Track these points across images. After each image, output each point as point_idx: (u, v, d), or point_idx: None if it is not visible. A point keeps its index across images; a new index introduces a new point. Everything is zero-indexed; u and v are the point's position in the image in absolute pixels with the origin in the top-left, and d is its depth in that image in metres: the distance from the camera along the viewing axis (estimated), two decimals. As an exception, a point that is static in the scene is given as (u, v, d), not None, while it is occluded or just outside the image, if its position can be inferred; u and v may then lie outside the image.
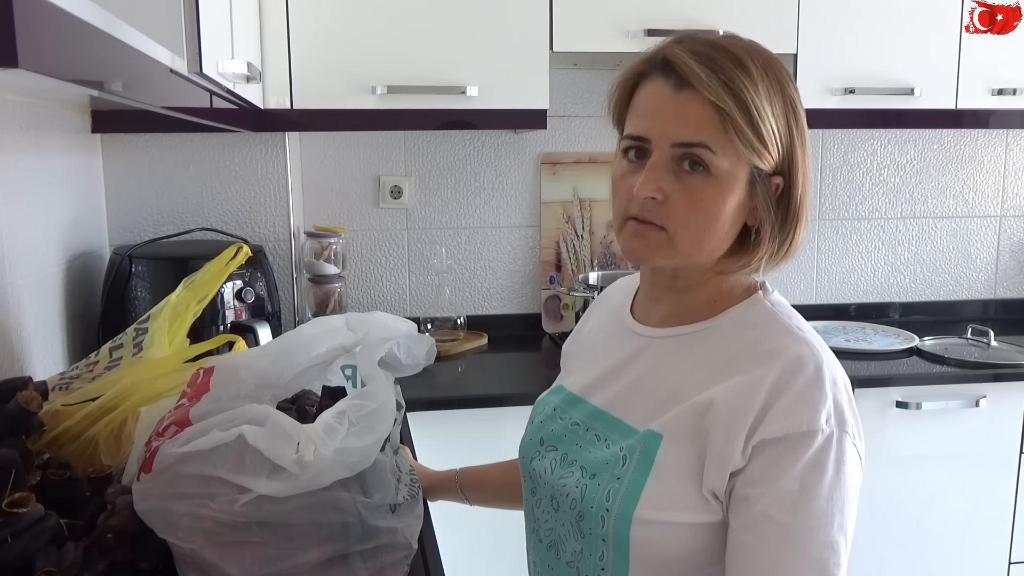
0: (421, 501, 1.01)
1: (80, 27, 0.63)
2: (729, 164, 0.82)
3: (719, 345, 0.87)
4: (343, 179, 2.32)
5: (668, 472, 0.83)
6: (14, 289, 1.36)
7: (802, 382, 0.80)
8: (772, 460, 0.78)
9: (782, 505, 0.77)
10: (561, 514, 0.92)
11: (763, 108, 0.81)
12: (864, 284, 2.63)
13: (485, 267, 2.42)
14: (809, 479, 0.78)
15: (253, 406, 0.86)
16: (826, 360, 0.83)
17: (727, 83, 0.80)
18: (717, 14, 2.00)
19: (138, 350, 1.12)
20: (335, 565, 0.86)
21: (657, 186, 0.83)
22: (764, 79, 0.82)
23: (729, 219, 0.85)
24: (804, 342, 0.85)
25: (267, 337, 1.71)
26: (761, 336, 0.86)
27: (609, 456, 0.87)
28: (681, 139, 0.82)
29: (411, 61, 1.93)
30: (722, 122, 0.80)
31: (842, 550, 0.80)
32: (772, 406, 0.79)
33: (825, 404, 0.80)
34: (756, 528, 0.78)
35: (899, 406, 2.02)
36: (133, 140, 2.02)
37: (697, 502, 0.82)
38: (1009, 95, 2.17)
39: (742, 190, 0.84)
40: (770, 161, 0.83)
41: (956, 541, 2.12)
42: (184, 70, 1.03)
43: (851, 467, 0.80)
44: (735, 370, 0.83)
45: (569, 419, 0.95)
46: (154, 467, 0.84)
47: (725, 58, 0.81)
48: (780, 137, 0.83)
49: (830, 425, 0.79)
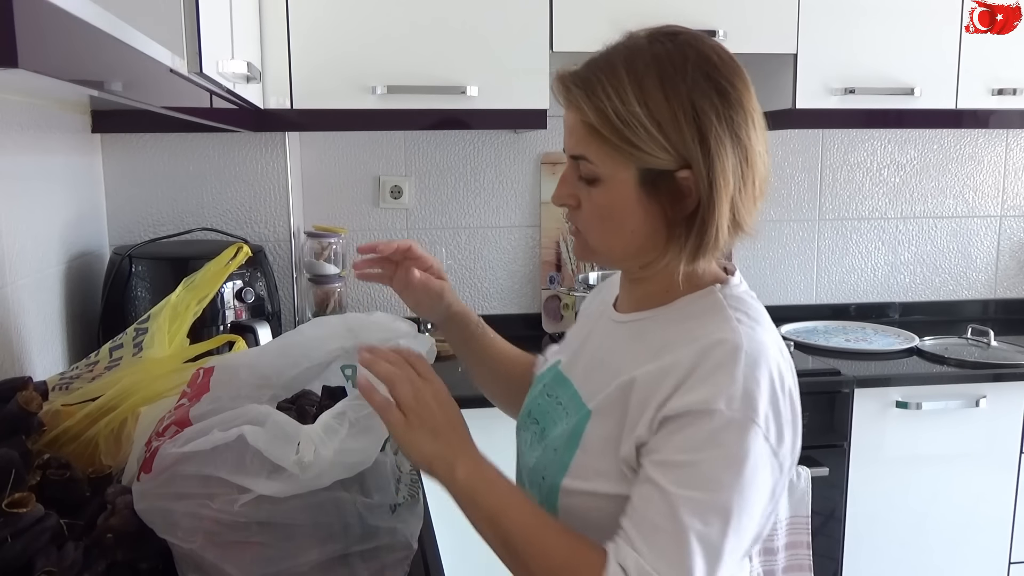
0: (421, 501, 1.01)
1: (80, 27, 0.63)
2: (610, 170, 0.86)
3: (659, 331, 0.90)
4: (343, 179, 2.32)
5: (593, 445, 0.88)
6: (14, 289, 1.36)
7: (712, 363, 0.81)
8: (669, 433, 0.81)
9: (666, 473, 0.79)
10: (519, 482, 1.01)
11: (631, 113, 0.83)
12: (864, 284, 2.63)
13: (485, 267, 2.42)
14: (698, 454, 0.78)
15: (253, 406, 0.87)
16: (752, 348, 0.82)
17: (590, 97, 0.85)
18: (717, 14, 2.00)
19: (138, 350, 1.12)
20: (335, 565, 0.86)
21: (568, 193, 0.91)
22: (642, 83, 0.83)
23: (632, 219, 0.87)
24: (732, 329, 0.84)
25: (267, 337, 1.71)
26: (698, 324, 0.87)
27: (561, 431, 0.94)
28: (571, 152, 0.90)
29: (411, 61, 1.93)
30: (591, 132, 0.86)
31: (717, 534, 0.77)
32: (682, 385, 0.81)
33: (731, 387, 0.79)
34: (642, 491, 0.81)
35: (899, 406, 2.02)
36: (133, 140, 2.02)
37: (615, 473, 0.86)
38: (1009, 95, 2.17)
39: (633, 191, 0.86)
40: (659, 159, 0.84)
41: (956, 541, 2.12)
42: (184, 70, 1.03)
43: (750, 458, 0.79)
44: (664, 352, 0.86)
45: (555, 397, 0.99)
46: (154, 467, 0.84)
47: (600, 70, 0.86)
48: (661, 134, 0.83)
49: (732, 409, 0.79)
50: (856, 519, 2.05)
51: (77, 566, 0.81)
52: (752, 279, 2.77)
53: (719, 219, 0.84)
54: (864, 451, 2.01)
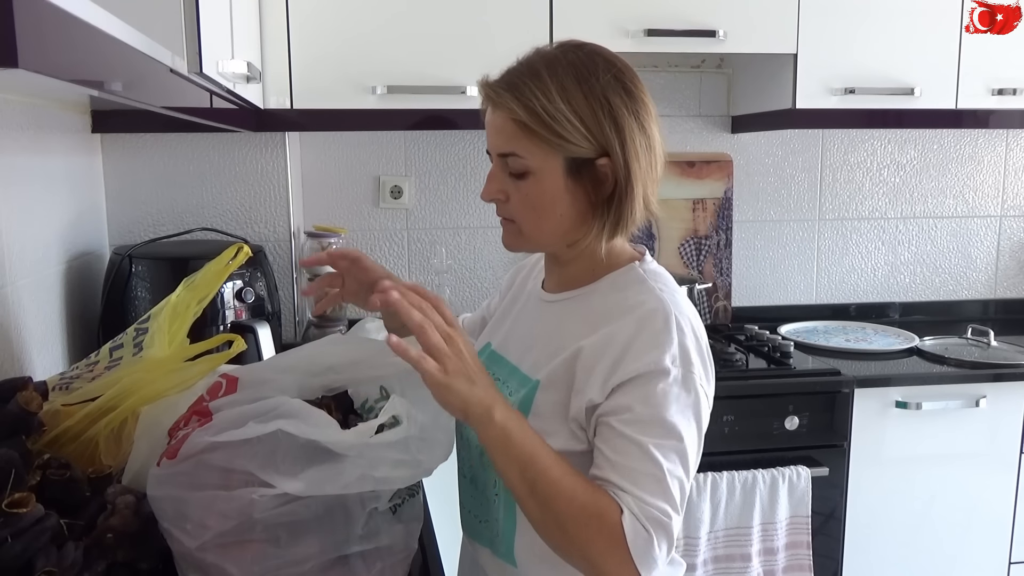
0: (421, 501, 1.01)
1: (80, 27, 0.63)
2: (539, 161, 0.97)
3: (594, 305, 1.02)
4: (343, 179, 2.32)
5: (544, 411, 0.99)
6: (14, 289, 1.36)
7: (652, 329, 0.94)
8: (628, 393, 0.93)
9: (637, 426, 0.91)
10: (472, 450, 1.08)
11: (556, 108, 0.94)
12: (864, 284, 2.63)
13: (485, 267, 2.42)
14: (659, 407, 0.91)
15: (285, 399, 0.86)
16: (675, 313, 0.96)
17: (518, 97, 0.95)
18: (717, 14, 2.00)
19: (138, 350, 1.12)
20: (335, 565, 0.86)
21: (497, 188, 1.02)
22: (562, 82, 0.95)
23: (560, 205, 0.99)
24: (659, 299, 0.98)
25: (267, 337, 1.71)
26: (627, 296, 1.00)
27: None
28: (499, 150, 0.99)
29: (411, 61, 1.93)
30: (521, 130, 0.96)
31: (680, 457, 0.91)
32: (628, 351, 0.94)
33: (671, 347, 0.93)
34: (618, 446, 0.91)
35: (899, 406, 2.02)
36: (133, 140, 2.02)
37: (565, 432, 0.97)
38: (1009, 95, 2.17)
39: (562, 178, 0.97)
40: (583, 149, 0.96)
41: (956, 541, 2.12)
42: (184, 70, 1.03)
43: (695, 400, 0.94)
44: (603, 323, 0.98)
45: (495, 375, 1.04)
46: (180, 453, 0.83)
47: (522, 75, 0.97)
48: (585, 126, 0.95)
49: (676, 366, 0.93)
50: (856, 519, 2.05)
51: (77, 566, 0.81)
52: (752, 279, 2.80)
53: (635, 197, 0.98)
54: (864, 451, 2.01)
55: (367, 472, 0.83)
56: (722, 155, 2.46)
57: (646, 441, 0.90)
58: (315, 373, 0.95)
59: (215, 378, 0.95)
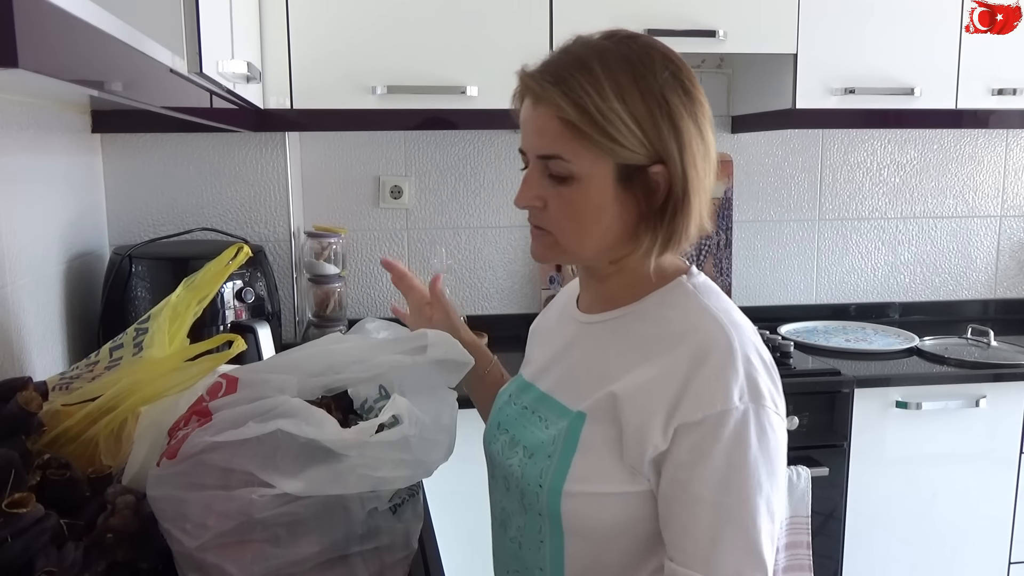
0: (421, 501, 1.01)
1: (80, 27, 0.63)
2: (588, 166, 0.86)
3: (641, 328, 0.92)
4: (343, 179, 2.32)
5: (592, 447, 0.88)
6: (14, 289, 1.36)
7: (714, 362, 0.83)
8: (696, 442, 0.82)
9: (711, 484, 0.81)
10: (510, 493, 0.97)
11: (609, 108, 0.84)
12: (864, 284, 2.63)
13: (485, 267, 2.42)
14: (732, 456, 0.81)
15: (285, 398, 0.86)
16: (737, 336, 0.86)
17: (567, 93, 0.85)
18: (717, 14, 2.00)
19: (138, 350, 1.12)
20: (335, 565, 0.86)
21: (533, 195, 0.91)
22: (616, 78, 0.85)
23: (605, 216, 0.88)
24: (715, 320, 0.87)
25: (267, 337, 1.71)
26: (676, 317, 0.89)
27: (545, 436, 0.93)
28: (540, 151, 0.89)
29: (411, 61, 1.93)
30: (569, 130, 0.85)
31: (767, 516, 0.82)
32: (688, 389, 0.83)
33: (737, 381, 0.82)
34: (691, 508, 0.82)
35: (899, 406, 2.02)
36: (133, 140, 2.02)
37: (621, 474, 0.86)
38: (1009, 95, 2.17)
39: (611, 186, 0.87)
40: (636, 154, 0.85)
41: (956, 541, 2.12)
42: (184, 70, 1.03)
43: (773, 437, 0.84)
44: (651, 352, 0.88)
45: (521, 404, 1.00)
46: (180, 453, 0.83)
47: (572, 67, 0.86)
48: (641, 129, 0.85)
49: (744, 401, 0.82)
50: (856, 519, 2.05)
51: (77, 566, 0.81)
52: (752, 279, 2.79)
53: (691, 210, 0.88)
54: (864, 451, 2.01)
55: (367, 472, 0.83)
56: (722, 155, 2.46)
57: (724, 500, 0.81)
58: (315, 373, 0.95)
59: (215, 378, 0.95)
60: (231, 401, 0.89)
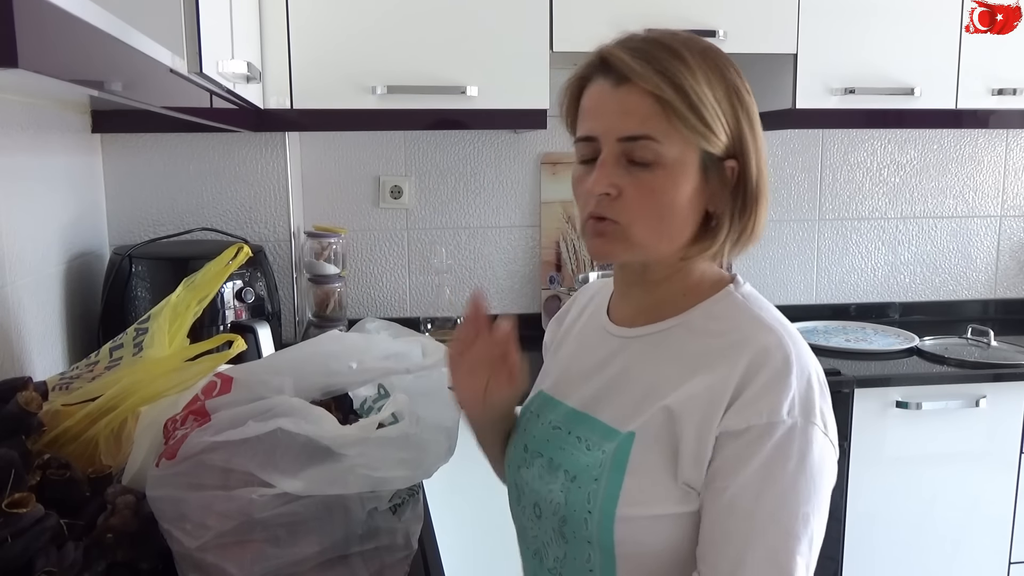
0: (421, 501, 1.01)
1: (80, 27, 0.63)
2: (677, 151, 0.82)
3: (690, 341, 0.87)
4: (343, 179, 2.32)
5: (644, 468, 0.83)
6: (14, 289, 1.36)
7: (767, 373, 0.80)
8: (736, 451, 0.79)
9: (744, 495, 0.78)
10: (544, 521, 0.91)
11: (703, 93, 0.81)
12: (864, 284, 2.63)
13: (485, 267, 2.42)
14: (771, 468, 0.78)
15: (285, 397, 0.86)
16: (795, 350, 0.83)
17: (663, 72, 0.81)
18: (717, 14, 2.00)
19: (138, 350, 1.12)
20: (335, 565, 0.86)
21: (609, 182, 0.83)
22: (701, 66, 0.82)
23: (685, 207, 0.84)
24: (772, 332, 0.84)
25: (267, 337, 1.71)
26: (730, 328, 0.86)
27: (588, 458, 0.87)
28: (625, 133, 0.83)
29: (411, 61, 1.93)
30: (663, 111, 0.81)
31: (803, 539, 0.78)
32: (738, 398, 0.80)
33: (788, 395, 0.79)
34: (722, 519, 0.79)
35: (899, 406, 2.02)
36: (133, 140, 2.02)
37: (675, 494, 0.82)
38: (1009, 95, 2.17)
39: (695, 176, 0.84)
40: (719, 144, 0.83)
41: (956, 541, 2.12)
42: (184, 70, 1.03)
43: (818, 457, 0.80)
44: (705, 365, 0.84)
45: (549, 423, 0.94)
46: (179, 454, 0.83)
47: (660, 50, 0.83)
48: (726, 120, 0.83)
49: (792, 416, 0.79)
50: (856, 519, 2.05)
51: (77, 566, 0.81)
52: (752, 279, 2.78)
53: (762, 208, 0.86)
54: (864, 451, 2.01)
55: (367, 472, 0.83)
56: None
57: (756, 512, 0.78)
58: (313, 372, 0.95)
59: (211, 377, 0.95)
60: (229, 401, 0.89)
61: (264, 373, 0.94)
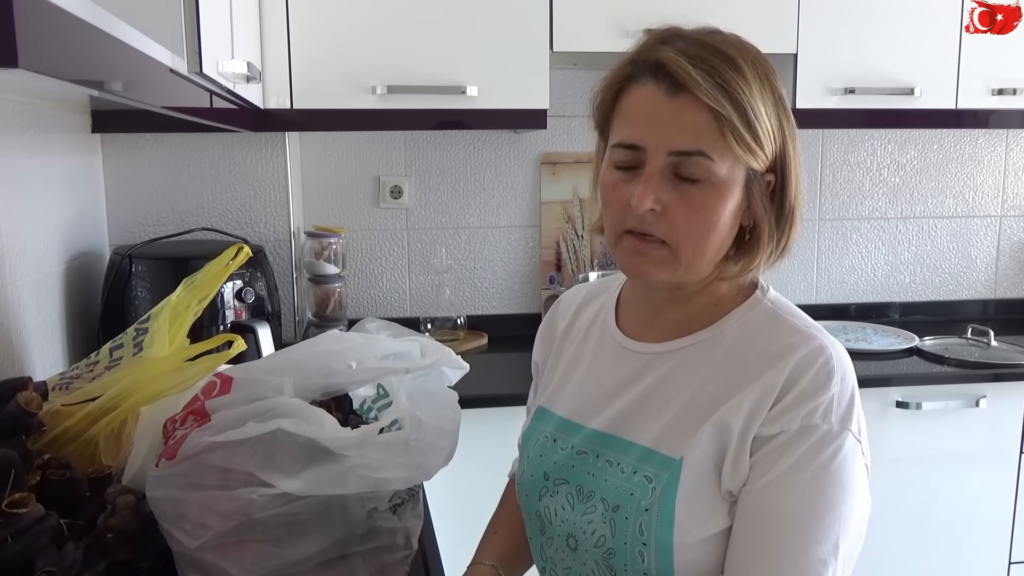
0: (421, 501, 1.01)
1: (80, 27, 0.63)
2: (727, 169, 0.79)
3: (728, 353, 0.85)
4: (343, 179, 2.32)
5: (694, 490, 0.81)
6: (14, 289, 1.36)
7: (809, 379, 0.80)
8: (766, 453, 0.79)
9: (772, 496, 0.77)
10: (582, 553, 0.88)
11: (759, 109, 0.78)
12: (864, 284, 2.63)
13: (485, 267, 2.42)
14: (801, 472, 0.77)
15: (285, 398, 0.86)
16: (835, 355, 0.83)
17: (723, 86, 0.77)
18: (717, 14, 1.99)
19: (138, 350, 1.12)
20: (335, 565, 0.86)
21: (656, 198, 0.80)
22: (756, 78, 0.80)
23: (727, 224, 0.82)
24: (812, 338, 0.83)
25: (267, 337, 1.71)
26: (770, 339, 0.84)
27: (630, 484, 0.84)
28: (678, 147, 0.79)
29: (411, 61, 1.93)
30: (719, 127, 0.77)
31: (825, 545, 0.77)
32: (778, 404, 0.80)
33: (825, 401, 0.79)
34: (744, 523, 0.79)
35: (899, 406, 2.02)
36: (133, 140, 2.02)
37: (722, 507, 0.81)
38: (1009, 95, 2.17)
39: (739, 193, 0.82)
40: (764, 160, 0.82)
41: (956, 541, 2.12)
42: (184, 70, 1.03)
43: (851, 464, 0.79)
44: (749, 377, 0.82)
45: (571, 447, 0.91)
46: (179, 454, 0.83)
47: (718, 58, 0.79)
48: (774, 135, 0.81)
49: (828, 421, 0.78)
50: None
51: (77, 566, 0.81)
52: (752, 279, 2.76)
53: (798, 221, 0.86)
54: (864, 451, 2.01)
55: (367, 472, 0.83)
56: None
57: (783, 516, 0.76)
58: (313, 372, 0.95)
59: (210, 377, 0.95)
60: (229, 401, 0.89)
61: (264, 373, 0.94)
